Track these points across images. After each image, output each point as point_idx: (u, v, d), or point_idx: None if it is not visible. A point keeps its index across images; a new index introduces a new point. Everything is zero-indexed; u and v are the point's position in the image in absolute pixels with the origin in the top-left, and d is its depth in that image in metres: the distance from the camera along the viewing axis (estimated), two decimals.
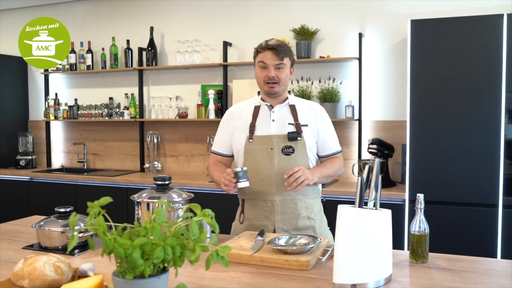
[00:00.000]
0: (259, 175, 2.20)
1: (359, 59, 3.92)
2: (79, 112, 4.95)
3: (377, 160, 1.61)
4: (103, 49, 4.86)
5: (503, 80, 3.14)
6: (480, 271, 1.70)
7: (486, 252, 3.19)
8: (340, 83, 4.03)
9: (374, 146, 3.70)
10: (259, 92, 2.34)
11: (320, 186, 2.34)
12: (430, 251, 1.82)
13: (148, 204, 1.99)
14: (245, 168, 2.07)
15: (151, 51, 4.63)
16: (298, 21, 4.14)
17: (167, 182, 2.04)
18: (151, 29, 4.63)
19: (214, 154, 2.40)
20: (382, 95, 3.99)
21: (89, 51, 4.87)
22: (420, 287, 1.53)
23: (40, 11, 5.19)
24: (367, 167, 1.62)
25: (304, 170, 2.07)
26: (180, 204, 2.00)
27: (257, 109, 2.27)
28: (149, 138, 4.77)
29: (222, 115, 4.37)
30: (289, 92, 2.32)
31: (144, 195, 2.06)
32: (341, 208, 1.53)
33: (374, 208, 1.59)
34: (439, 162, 3.31)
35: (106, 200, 1.28)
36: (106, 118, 4.83)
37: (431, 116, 3.32)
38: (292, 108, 2.25)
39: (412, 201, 3.33)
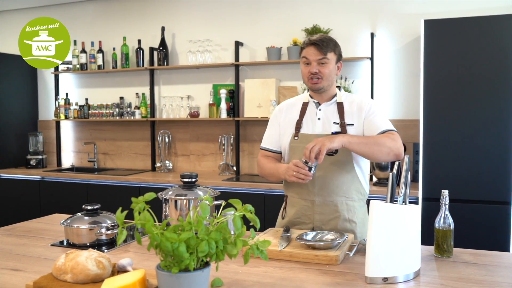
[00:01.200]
0: None
1: (371, 58, 3.96)
2: (89, 111, 4.98)
3: (407, 157, 1.65)
4: (114, 49, 4.89)
5: None
6: (505, 265, 1.73)
7: (498, 248, 3.22)
8: (352, 83, 4.07)
9: None
10: (308, 90, 2.32)
11: (367, 188, 2.24)
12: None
13: (176, 201, 2.02)
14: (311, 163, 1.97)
15: (162, 51, 4.66)
16: (310, 20, 4.17)
17: (194, 180, 2.07)
18: (163, 29, 4.66)
19: (263, 151, 2.36)
20: (393, 94, 4.02)
21: (100, 51, 4.91)
22: (450, 281, 1.57)
23: (50, 11, 5.22)
24: (396, 164, 1.66)
25: (317, 139, 1.96)
26: (207, 201, 2.03)
27: (305, 106, 2.25)
28: (160, 137, 4.81)
29: (234, 114, 4.43)
30: (339, 88, 2.27)
31: (170, 192, 2.09)
32: (373, 204, 1.56)
33: (404, 203, 1.63)
34: (452, 161, 3.34)
35: (150, 196, 1.32)
36: (117, 117, 4.86)
37: (444, 115, 3.36)
38: (339, 106, 2.19)
39: (426, 199, 3.37)
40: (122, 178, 4.40)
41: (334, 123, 2.17)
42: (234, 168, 4.53)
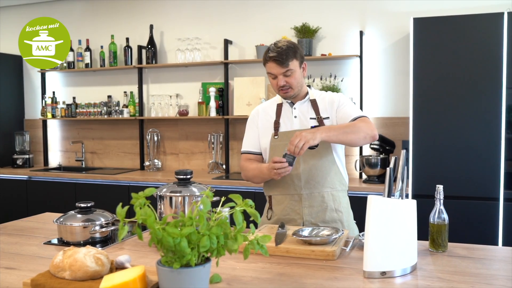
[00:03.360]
0: None
1: (360, 56, 3.98)
2: (77, 110, 4.93)
3: (403, 152, 1.66)
4: (101, 47, 4.85)
5: (504, 77, 3.22)
6: (499, 259, 1.76)
7: (488, 243, 3.25)
8: (341, 81, 4.09)
9: (376, 142, 3.76)
10: None
11: (346, 179, 2.31)
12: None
13: (171, 198, 2.01)
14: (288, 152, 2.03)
15: (151, 49, 4.63)
16: (299, 19, 4.18)
17: (189, 177, 2.06)
18: (151, 27, 4.63)
19: (246, 154, 2.39)
20: (382, 92, 4.05)
21: (88, 49, 4.86)
22: (447, 274, 1.58)
23: (37, 9, 5.16)
24: (393, 159, 1.67)
25: (301, 133, 2.00)
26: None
27: (279, 107, 2.31)
28: (149, 136, 4.78)
29: (223, 112, 4.42)
30: (309, 86, 2.36)
31: (165, 190, 2.08)
32: (371, 199, 1.57)
33: (401, 198, 1.64)
34: (441, 158, 3.38)
35: (150, 191, 1.31)
36: (105, 116, 4.82)
37: (434, 113, 3.39)
38: (313, 103, 2.27)
39: (416, 195, 3.40)
40: (111, 177, 4.37)
41: (311, 118, 2.25)
42: (224, 166, 4.53)
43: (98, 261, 1.40)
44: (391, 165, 1.65)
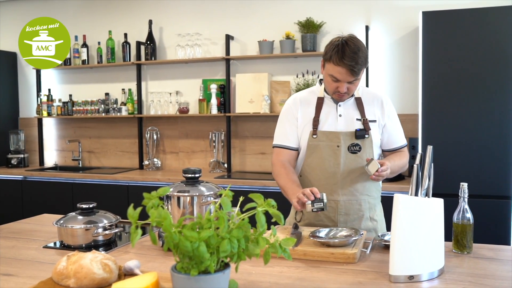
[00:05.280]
0: (323, 173, 2.06)
1: None
2: (74, 108, 4.80)
3: (430, 148, 1.56)
4: (99, 43, 4.72)
5: None
6: None
7: (499, 242, 3.16)
8: None
9: None
10: (321, 81, 2.16)
11: (380, 183, 2.19)
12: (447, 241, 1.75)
13: (179, 198, 1.90)
14: (325, 201, 1.84)
15: (150, 45, 4.51)
16: (303, 13, 4.08)
17: (197, 175, 1.95)
18: (150, 22, 4.51)
19: (279, 149, 2.15)
20: (389, 88, 3.95)
21: (84, 45, 4.73)
22: (477, 278, 1.48)
23: (31, 5, 5.02)
24: (418, 155, 1.57)
25: (385, 163, 1.93)
26: (211, 198, 1.92)
27: (320, 101, 2.10)
28: (148, 134, 4.66)
29: (225, 110, 4.31)
30: None
31: (172, 189, 1.96)
32: (398, 198, 1.47)
33: (427, 197, 1.54)
34: (451, 155, 3.28)
35: (164, 190, 1.20)
36: (103, 114, 4.70)
37: (443, 109, 3.30)
38: (358, 101, 2.09)
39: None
40: (109, 176, 4.24)
41: (357, 119, 2.07)
42: (225, 165, 4.41)
43: (106, 268, 1.28)
44: (417, 161, 1.55)
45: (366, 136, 2.05)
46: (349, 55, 1.90)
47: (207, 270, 1.14)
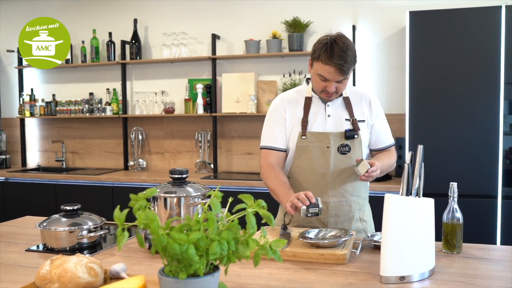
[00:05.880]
0: (313, 175, 2.02)
1: None
2: (57, 108, 4.72)
3: (420, 147, 1.54)
4: (83, 42, 4.65)
5: (502, 72, 3.14)
6: None
7: (485, 242, 3.18)
8: None
9: None
10: (308, 80, 2.12)
11: (368, 183, 2.16)
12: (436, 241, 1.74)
13: (165, 199, 1.86)
14: (321, 206, 1.79)
15: (134, 44, 4.45)
16: (290, 13, 4.06)
17: (184, 176, 1.91)
18: (135, 21, 4.45)
19: (267, 150, 2.09)
20: (376, 87, 3.95)
21: None
22: (468, 278, 1.47)
23: (12, 4, 4.92)
24: (409, 155, 1.56)
25: (374, 163, 1.91)
26: (199, 199, 1.88)
27: (308, 101, 2.06)
28: (133, 134, 4.60)
29: (211, 110, 4.27)
30: None
31: (158, 190, 1.93)
32: (389, 198, 1.45)
33: (417, 197, 1.53)
34: (438, 155, 3.29)
35: (152, 192, 1.17)
36: (87, 114, 4.62)
37: (430, 109, 3.30)
38: (347, 101, 2.06)
39: None
40: (93, 177, 4.18)
41: (346, 119, 2.04)
42: (212, 165, 4.38)
43: (91, 271, 1.24)
44: (408, 161, 1.54)
45: (356, 136, 2.02)
46: (338, 53, 1.85)
47: (196, 273, 1.11)
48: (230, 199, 1.29)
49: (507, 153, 3.27)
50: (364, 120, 2.07)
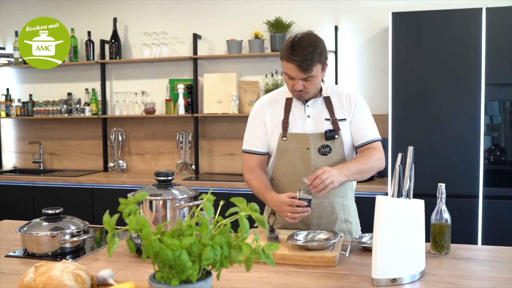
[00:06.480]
0: (294, 176, 2.01)
1: (335, 52, 3.88)
2: (34, 108, 4.61)
3: (411, 149, 1.54)
4: None
5: (483, 73, 3.18)
6: (505, 260, 1.66)
7: (467, 241, 3.21)
8: None
9: None
10: None
11: (355, 184, 2.14)
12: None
13: (151, 202, 1.82)
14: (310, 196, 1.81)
15: (114, 43, 4.37)
16: (272, 13, 4.04)
17: (170, 178, 1.87)
18: (114, 20, 4.37)
19: (248, 154, 2.11)
20: (358, 88, 3.96)
21: None
22: (459, 279, 1.47)
23: None
24: (399, 155, 1.55)
25: (330, 171, 1.82)
26: (185, 202, 1.85)
27: (289, 102, 2.05)
28: (113, 135, 4.52)
29: (192, 110, 4.23)
30: (322, 80, 2.06)
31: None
32: (380, 199, 1.44)
33: (408, 198, 1.52)
34: (420, 155, 3.30)
35: (142, 195, 1.13)
36: (65, 115, 4.53)
37: (413, 109, 3.32)
38: (327, 101, 2.03)
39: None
40: (73, 179, 4.09)
41: (326, 119, 2.01)
42: (193, 167, 4.33)
43: (78, 278, 1.20)
44: (398, 162, 1.53)
45: (336, 136, 2.00)
46: (298, 51, 1.85)
47: (188, 279, 1.08)
48: (222, 202, 1.27)
49: (488, 153, 3.31)
50: (345, 119, 2.02)
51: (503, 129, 3.39)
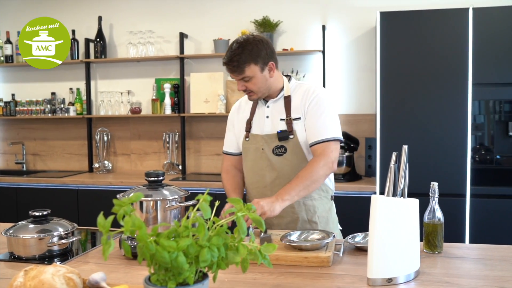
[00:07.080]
0: (254, 176, 2.06)
1: (323, 51, 3.87)
2: (17, 108, 4.52)
3: (405, 148, 1.53)
4: None
5: (470, 72, 3.20)
6: (497, 258, 1.67)
7: (455, 239, 3.23)
8: (303, 76, 3.96)
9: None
10: None
11: (328, 183, 2.08)
12: None
13: (141, 203, 1.78)
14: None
15: (99, 42, 4.31)
16: (259, 12, 4.01)
17: (161, 178, 1.84)
18: (99, 18, 4.31)
19: (224, 155, 2.23)
20: (346, 88, 3.96)
21: None
22: (453, 278, 1.47)
23: None
24: (394, 155, 1.54)
25: (258, 202, 1.76)
26: (176, 202, 1.82)
27: (255, 104, 2.10)
28: (98, 136, 4.45)
29: (179, 110, 4.19)
30: (289, 78, 2.06)
31: (132, 194, 1.84)
32: (375, 199, 1.43)
33: (403, 197, 1.52)
34: (409, 154, 3.32)
35: (137, 196, 1.10)
36: (49, 115, 4.45)
37: (400, 109, 3.33)
38: (287, 100, 2.01)
39: (383, 193, 3.33)
40: (57, 180, 4.02)
41: (281, 119, 2.01)
42: (180, 167, 4.29)
43: (70, 282, 1.16)
44: (393, 161, 1.52)
45: (291, 136, 1.98)
46: (227, 53, 1.92)
47: (185, 282, 1.06)
48: (217, 203, 1.25)
49: (475, 152, 3.33)
50: (299, 118, 1.98)
51: (489, 128, 3.42)
